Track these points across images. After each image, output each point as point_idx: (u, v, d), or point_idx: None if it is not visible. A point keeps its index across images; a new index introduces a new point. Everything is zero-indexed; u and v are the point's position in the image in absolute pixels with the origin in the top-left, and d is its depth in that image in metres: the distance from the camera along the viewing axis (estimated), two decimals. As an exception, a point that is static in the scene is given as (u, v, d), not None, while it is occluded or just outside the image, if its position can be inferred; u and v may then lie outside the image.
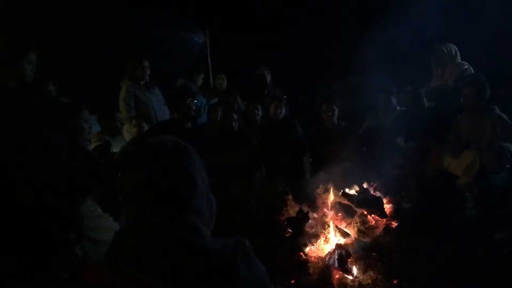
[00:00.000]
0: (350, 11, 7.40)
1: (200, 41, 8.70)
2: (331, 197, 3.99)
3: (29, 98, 2.74)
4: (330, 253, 3.28)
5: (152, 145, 1.39)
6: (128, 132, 5.05)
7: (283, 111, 5.48)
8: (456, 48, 5.13)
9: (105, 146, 4.08)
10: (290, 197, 4.06)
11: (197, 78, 5.94)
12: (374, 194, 4.07)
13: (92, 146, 3.76)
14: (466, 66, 5.02)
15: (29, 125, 1.61)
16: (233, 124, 4.89)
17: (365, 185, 4.15)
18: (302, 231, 3.60)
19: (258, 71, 6.17)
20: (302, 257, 3.40)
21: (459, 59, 5.11)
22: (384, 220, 3.68)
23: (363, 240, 3.50)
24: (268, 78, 6.16)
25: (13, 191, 1.52)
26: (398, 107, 5.26)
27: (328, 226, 3.68)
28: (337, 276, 3.15)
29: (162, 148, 1.36)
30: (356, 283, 3.10)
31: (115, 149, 4.47)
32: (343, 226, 3.70)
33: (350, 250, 3.32)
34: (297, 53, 8.33)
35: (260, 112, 5.54)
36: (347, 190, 4.02)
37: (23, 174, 1.57)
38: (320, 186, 4.10)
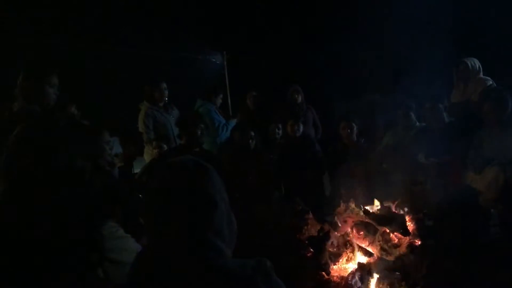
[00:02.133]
0: (366, 29, 7.42)
1: (217, 62, 8.82)
2: (352, 215, 3.94)
3: (52, 121, 2.80)
4: (353, 273, 3.23)
5: (173, 165, 1.41)
6: (148, 154, 5.11)
7: (301, 129, 5.49)
8: (479, 63, 5.05)
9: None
10: (310, 215, 4.02)
11: (215, 98, 6.00)
12: (396, 211, 4.00)
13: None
14: (490, 82, 4.93)
15: (52, 149, 1.64)
16: (250, 142, 4.90)
17: (386, 203, 4.09)
18: (324, 250, 3.56)
19: (290, 91, 6.26)
20: (324, 276, 3.35)
21: (482, 74, 5.03)
22: (407, 238, 3.61)
23: (386, 258, 3.43)
24: (300, 98, 6.24)
25: (35, 214, 1.54)
26: (417, 123, 5.21)
27: (350, 245, 3.63)
28: (360, 296, 3.10)
29: (183, 168, 1.38)
30: (380, 303, 3.04)
31: (136, 170, 4.52)
32: (365, 244, 3.64)
33: (373, 269, 3.26)
34: (314, 71, 8.36)
35: (280, 131, 5.57)
36: (368, 208, 3.97)
37: (46, 197, 1.60)
38: (341, 204, 4.06)
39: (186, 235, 1.30)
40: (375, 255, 3.51)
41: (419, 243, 3.57)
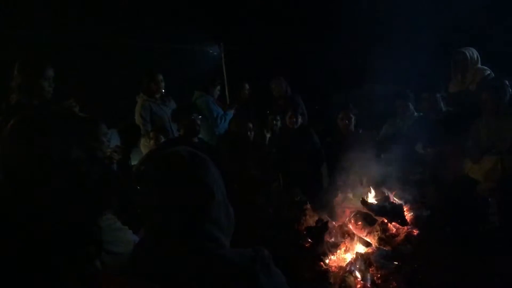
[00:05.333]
0: (364, 18, 7.39)
1: (215, 53, 8.78)
2: (350, 205, 3.95)
3: (48, 113, 2.78)
4: (351, 263, 3.24)
5: (169, 156, 1.40)
6: (144, 146, 5.10)
7: (299, 120, 5.49)
8: (477, 53, 5.01)
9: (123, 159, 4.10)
10: (308, 206, 4.03)
11: (213, 90, 5.98)
12: (394, 201, 4.01)
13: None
14: (488, 72, 4.89)
15: (46, 139, 1.63)
16: (248, 133, 4.90)
17: (384, 193, 4.10)
18: (322, 241, 3.57)
19: (272, 83, 6.25)
20: (322, 266, 3.37)
21: (480, 64, 5.01)
22: (405, 227, 3.63)
23: (384, 248, 3.44)
24: (283, 89, 6.23)
25: (32, 205, 1.54)
26: (415, 113, 5.21)
27: (348, 235, 3.64)
28: (358, 286, 3.11)
29: (179, 159, 1.37)
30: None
31: (133, 162, 4.51)
32: (363, 234, 3.65)
33: (371, 259, 3.27)
34: (312, 62, 8.34)
35: (278, 123, 5.56)
36: (366, 198, 3.97)
37: (43, 190, 1.59)
38: (339, 195, 4.06)
39: (183, 226, 1.30)
40: (373, 245, 3.53)
41: (417, 232, 3.58)
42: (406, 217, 3.73)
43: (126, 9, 7.36)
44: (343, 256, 3.50)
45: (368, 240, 3.59)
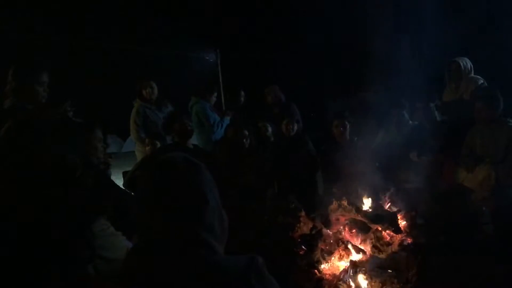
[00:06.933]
0: (359, 27, 7.43)
1: (211, 60, 8.80)
2: (345, 213, 3.94)
3: (42, 118, 2.78)
4: (345, 270, 3.23)
5: (163, 162, 1.40)
6: (139, 152, 5.10)
7: (295, 127, 5.49)
8: (471, 63, 5.07)
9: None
10: (303, 213, 4.02)
11: (210, 96, 5.99)
12: (388, 209, 4.01)
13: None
14: (482, 81, 4.95)
15: (40, 144, 1.63)
16: (244, 140, 4.90)
17: (379, 201, 4.10)
18: (316, 248, 3.56)
19: (267, 91, 6.27)
20: (316, 274, 3.35)
21: (473, 73, 5.06)
22: (399, 236, 3.63)
23: (378, 256, 3.44)
24: (271, 98, 6.25)
25: (27, 209, 1.53)
26: (410, 122, 5.23)
27: (342, 242, 3.64)
28: (352, 294, 3.10)
29: (173, 165, 1.37)
30: (372, 301, 3.04)
31: (128, 168, 4.50)
32: (357, 242, 3.65)
33: (365, 267, 3.26)
34: (307, 70, 8.38)
35: (270, 129, 5.56)
36: (360, 206, 3.97)
37: (38, 193, 1.58)
38: (333, 202, 4.06)
39: (177, 233, 1.29)
40: (367, 253, 3.52)
41: (411, 241, 3.58)
42: (400, 225, 3.73)
43: (124, 15, 7.38)
44: (337, 263, 3.49)
45: (362, 248, 3.59)
